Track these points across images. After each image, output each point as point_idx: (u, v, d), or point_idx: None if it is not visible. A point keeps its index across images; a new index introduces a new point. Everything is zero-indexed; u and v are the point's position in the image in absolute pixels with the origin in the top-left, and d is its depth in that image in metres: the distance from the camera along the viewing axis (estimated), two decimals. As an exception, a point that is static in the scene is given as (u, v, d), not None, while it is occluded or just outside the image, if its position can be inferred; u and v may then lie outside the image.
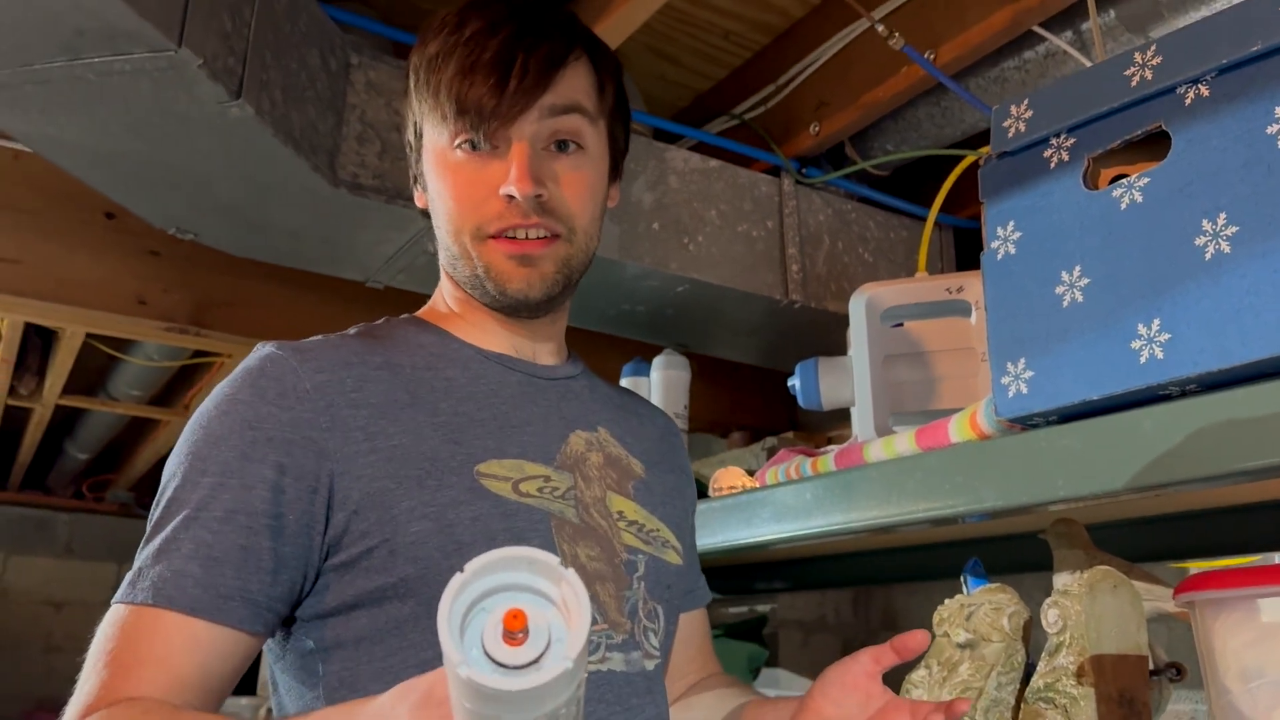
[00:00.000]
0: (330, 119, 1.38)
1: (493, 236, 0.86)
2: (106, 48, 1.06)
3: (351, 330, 0.90)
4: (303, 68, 1.31)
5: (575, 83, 0.88)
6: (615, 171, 0.96)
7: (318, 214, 1.46)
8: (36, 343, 2.80)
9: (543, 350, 0.95)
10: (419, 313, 0.96)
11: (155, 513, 0.78)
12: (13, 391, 2.93)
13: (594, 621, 0.84)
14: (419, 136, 0.91)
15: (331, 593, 0.78)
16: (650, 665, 0.88)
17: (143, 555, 0.76)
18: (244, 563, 0.74)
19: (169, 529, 0.75)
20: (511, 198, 0.84)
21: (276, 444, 0.77)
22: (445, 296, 0.95)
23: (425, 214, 0.95)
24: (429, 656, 0.76)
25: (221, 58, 1.13)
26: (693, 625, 1.05)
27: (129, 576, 0.75)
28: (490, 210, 0.86)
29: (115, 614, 0.74)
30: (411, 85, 0.91)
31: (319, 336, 0.87)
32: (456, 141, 0.86)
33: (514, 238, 0.86)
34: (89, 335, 2.36)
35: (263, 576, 0.75)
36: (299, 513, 0.77)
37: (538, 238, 0.86)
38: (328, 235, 1.54)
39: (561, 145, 0.88)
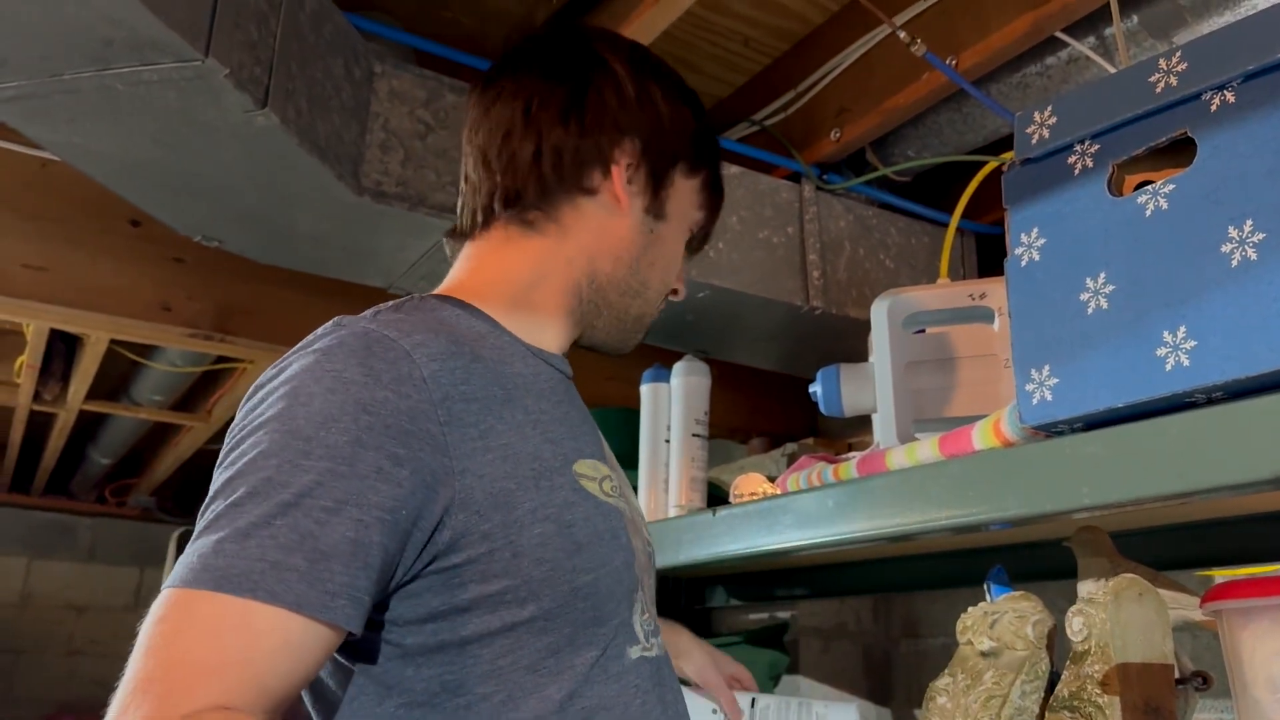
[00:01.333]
0: (354, 127, 1.39)
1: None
2: (134, 58, 1.08)
3: (403, 313, 0.82)
4: (327, 76, 1.32)
5: None
6: None
7: (341, 221, 1.47)
8: (61, 349, 2.83)
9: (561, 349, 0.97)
10: (450, 292, 0.91)
11: (234, 486, 0.68)
12: (37, 397, 2.96)
13: (645, 610, 0.87)
14: (671, 168, 0.95)
15: (436, 595, 0.74)
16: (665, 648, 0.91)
17: (218, 535, 0.66)
18: (353, 557, 0.67)
19: (259, 511, 0.66)
20: (674, 292, 0.99)
21: (394, 433, 0.70)
22: (535, 298, 0.91)
23: (595, 198, 0.93)
24: (542, 658, 0.75)
25: (247, 67, 1.14)
26: None
27: (197, 558, 0.65)
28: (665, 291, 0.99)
29: (186, 600, 0.64)
30: (685, 132, 0.96)
31: (402, 314, 0.80)
32: (695, 228, 0.99)
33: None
34: (113, 341, 2.38)
35: (370, 574, 0.68)
36: (411, 508, 0.71)
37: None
38: (351, 242, 1.55)
39: None
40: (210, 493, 0.70)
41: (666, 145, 0.93)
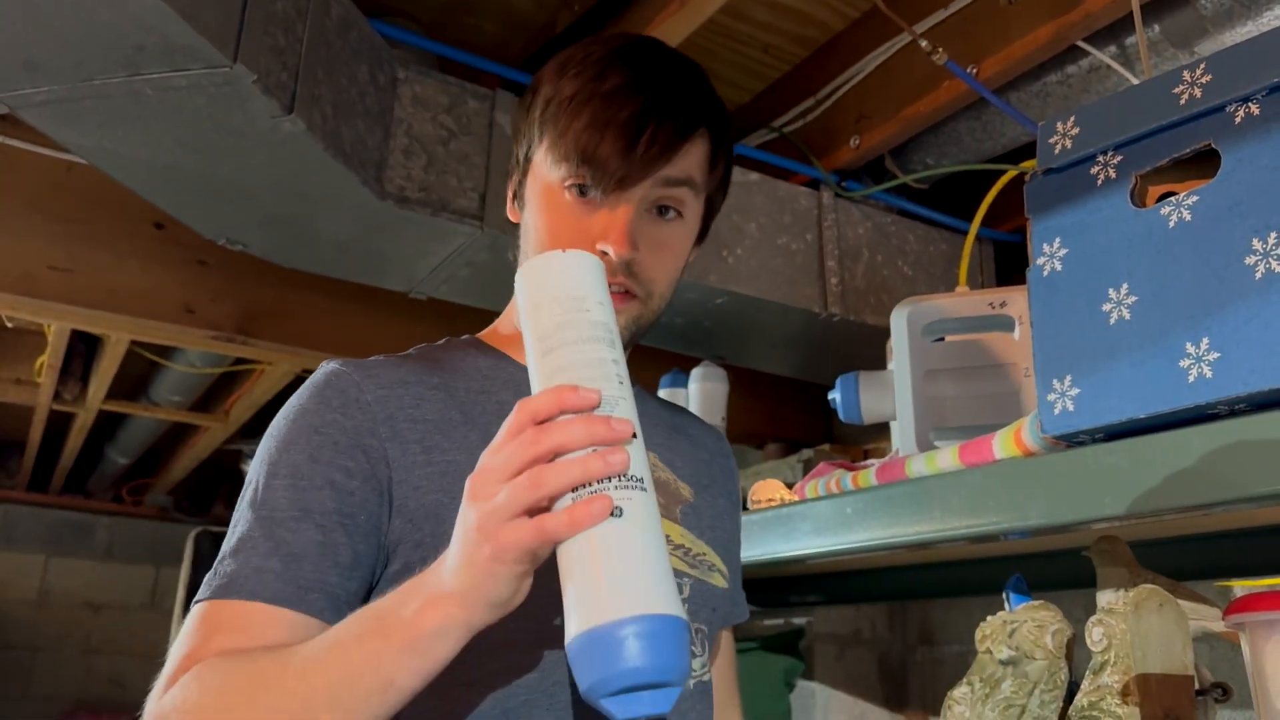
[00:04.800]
0: (378, 133, 1.40)
1: None
2: (165, 63, 1.09)
3: (412, 351, 0.93)
4: (352, 83, 1.33)
5: (693, 157, 0.90)
6: (702, 236, 0.97)
7: (364, 226, 1.48)
8: (81, 349, 2.85)
9: None
10: (482, 334, 0.98)
11: (234, 516, 0.81)
12: (57, 397, 2.99)
13: None
14: (528, 159, 0.92)
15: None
16: (693, 684, 0.89)
17: (222, 555, 0.79)
18: (321, 557, 0.77)
19: (245, 529, 0.78)
20: (605, 254, 0.85)
21: (342, 448, 0.80)
22: (511, 317, 0.97)
23: (514, 225, 0.96)
24: (465, 669, 0.75)
25: (275, 73, 1.15)
26: (720, 641, 1.05)
27: (209, 578, 0.78)
28: None
29: (196, 610, 0.77)
30: (536, 110, 0.90)
31: (380, 356, 0.90)
32: (569, 182, 0.87)
33: None
34: (132, 342, 2.40)
35: (341, 571, 0.78)
36: (368, 514, 0.80)
37: (616, 293, 0.86)
38: (373, 247, 1.56)
39: (662, 210, 0.89)
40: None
41: (521, 136, 0.93)
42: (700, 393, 1.59)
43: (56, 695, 4.70)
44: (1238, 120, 0.79)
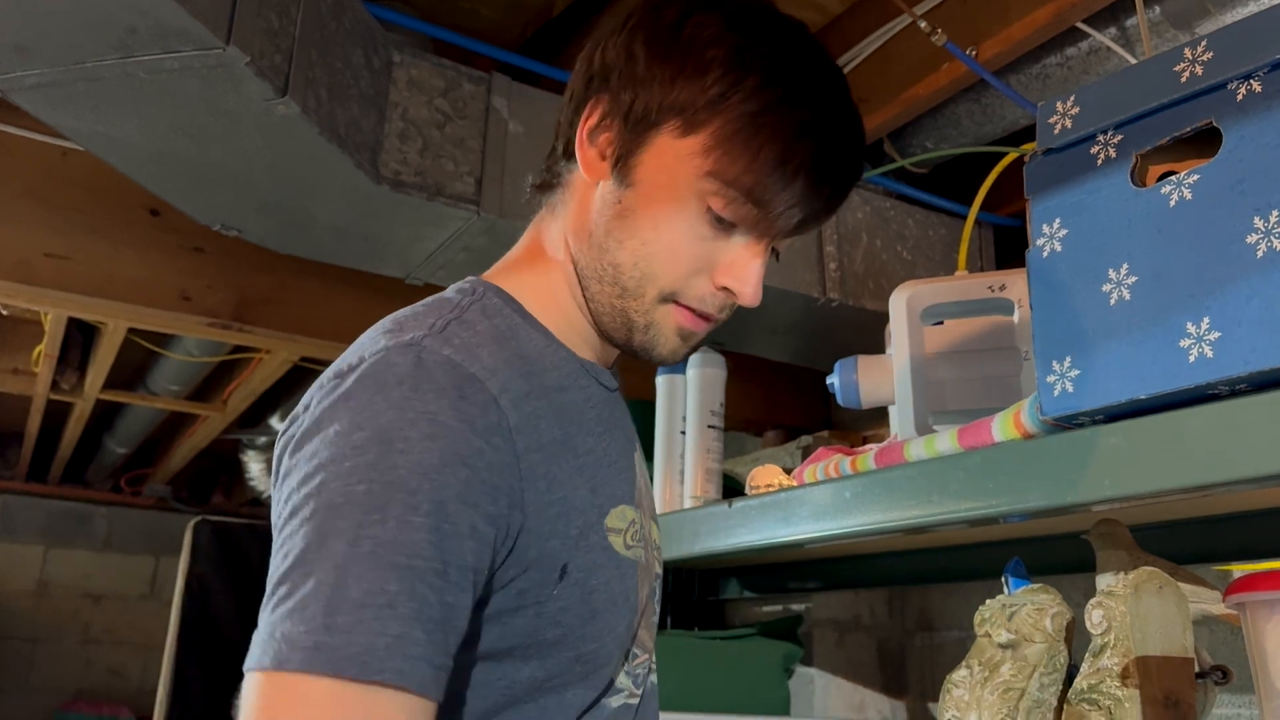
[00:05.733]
0: (373, 116, 1.39)
1: (677, 303, 0.77)
2: (157, 46, 1.08)
3: (470, 329, 0.73)
4: (347, 65, 1.32)
5: None
6: None
7: (360, 211, 1.48)
8: (78, 338, 2.85)
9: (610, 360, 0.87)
10: (508, 286, 0.81)
11: (330, 544, 0.61)
12: (54, 386, 2.98)
13: (640, 654, 0.82)
14: (654, 125, 0.75)
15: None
16: (650, 685, 0.86)
17: (324, 603, 0.59)
18: (451, 628, 0.63)
19: (375, 578, 0.60)
20: (727, 292, 0.77)
21: (488, 489, 0.66)
22: (556, 284, 0.81)
23: (561, 180, 0.82)
24: (531, 716, 0.72)
25: (268, 56, 1.14)
26: None
27: (304, 632, 0.58)
28: (698, 288, 0.77)
29: (304, 686, 0.57)
30: (690, 79, 0.73)
31: (467, 332, 0.72)
32: (717, 209, 0.75)
33: (693, 311, 0.78)
34: (130, 330, 2.39)
35: (457, 640, 0.64)
36: (488, 568, 0.67)
37: (699, 316, 0.79)
38: (369, 232, 1.56)
39: (774, 251, 0.80)
40: (289, 527, 0.63)
41: (646, 98, 0.75)
42: (699, 379, 1.58)
43: (56, 686, 4.71)
44: (1239, 98, 0.79)
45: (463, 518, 0.63)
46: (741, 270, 0.76)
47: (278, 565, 0.62)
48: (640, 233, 0.75)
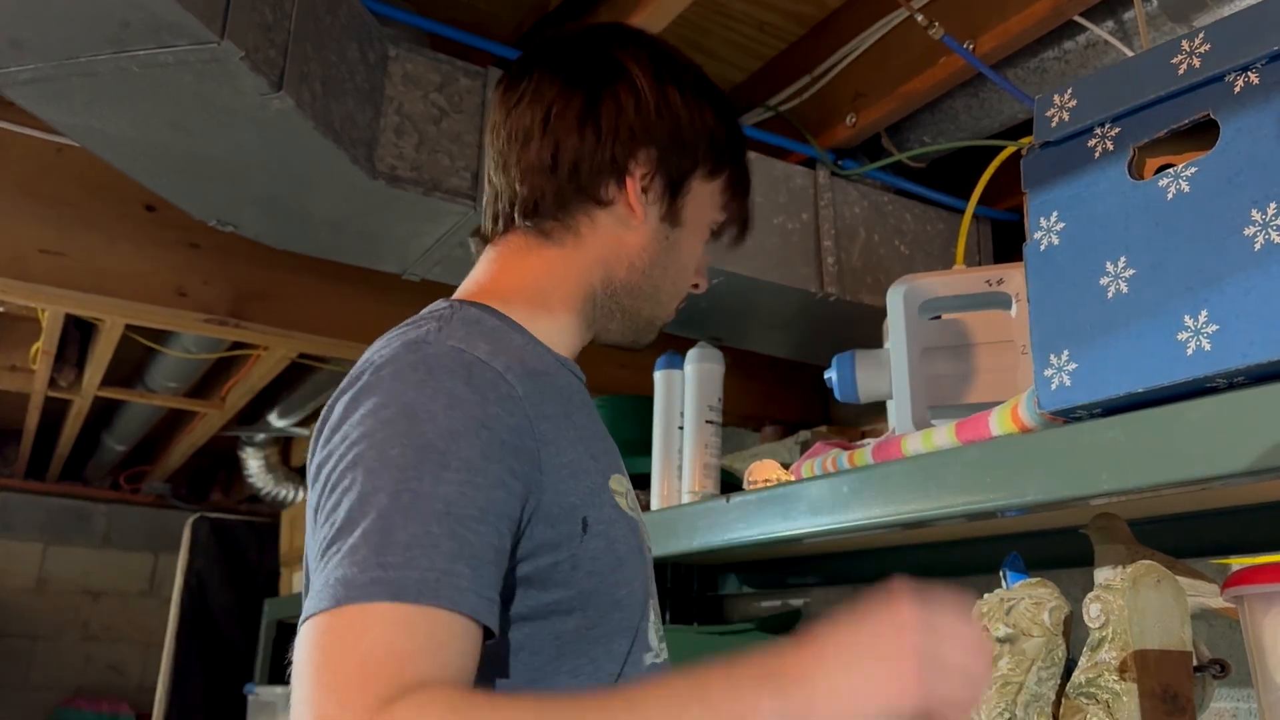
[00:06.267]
0: (369, 111, 1.38)
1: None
2: (151, 40, 1.08)
3: (464, 329, 0.82)
4: (342, 60, 1.32)
5: None
6: None
7: (356, 206, 1.47)
8: (75, 335, 2.84)
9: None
10: (476, 297, 0.90)
11: (371, 499, 0.67)
12: (52, 384, 2.98)
13: (655, 616, 0.89)
14: (689, 175, 0.93)
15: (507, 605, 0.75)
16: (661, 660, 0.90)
17: (373, 547, 0.65)
18: (497, 564, 0.70)
19: (419, 522, 0.66)
20: (695, 287, 0.98)
21: (508, 448, 0.73)
22: (552, 304, 0.91)
23: (613, 217, 0.93)
24: (581, 665, 0.78)
25: (263, 50, 1.14)
26: None
27: (358, 570, 0.64)
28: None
29: (359, 613, 0.63)
30: (704, 133, 0.93)
31: (462, 331, 0.80)
32: (716, 230, 0.98)
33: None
34: (127, 327, 2.39)
35: (500, 578, 0.71)
36: (520, 519, 0.74)
37: None
38: (366, 227, 1.55)
39: None
40: (332, 500, 0.69)
41: (685, 152, 0.92)
42: (696, 374, 1.58)
43: (56, 683, 4.71)
44: (1237, 90, 0.78)
45: (490, 472, 0.71)
46: (704, 269, 0.99)
47: (325, 535, 0.68)
48: (680, 259, 0.95)
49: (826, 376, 1.35)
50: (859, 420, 2.23)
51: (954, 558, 1.59)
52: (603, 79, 0.90)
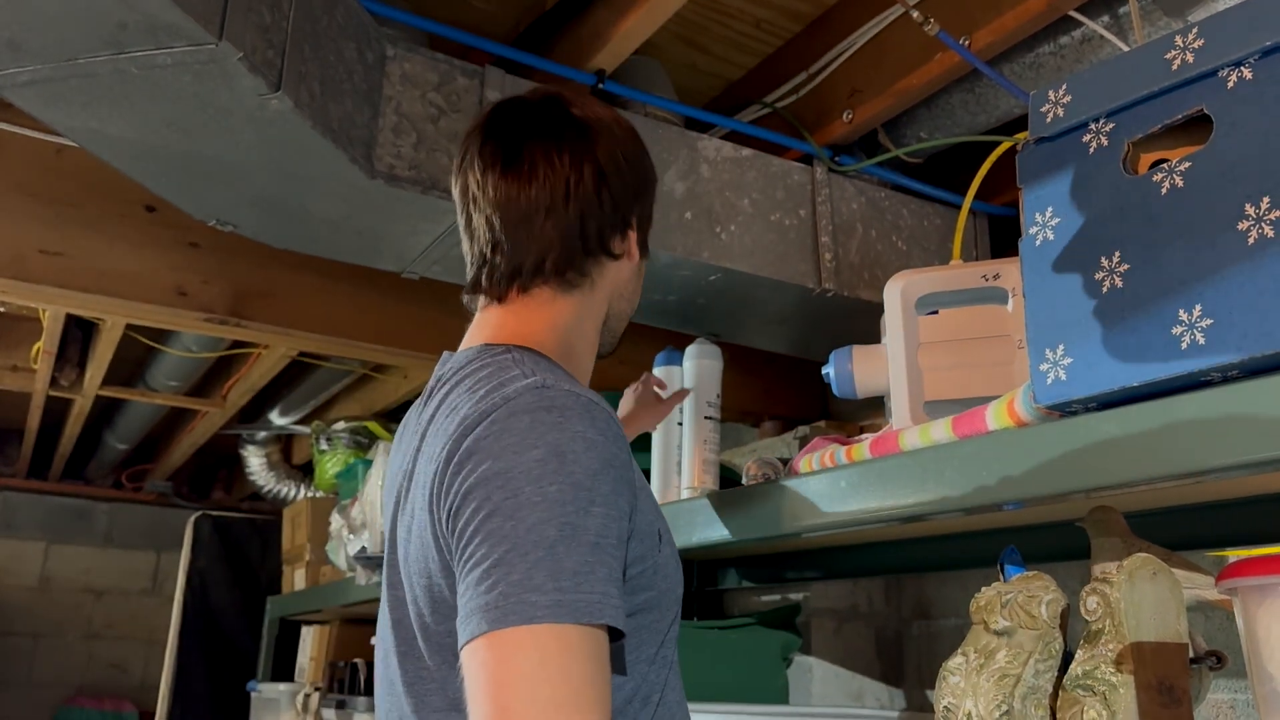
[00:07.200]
0: (367, 111, 1.39)
1: None
2: (149, 41, 1.08)
3: (545, 367, 0.94)
4: (340, 60, 1.32)
5: None
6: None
7: (355, 205, 1.48)
8: (77, 335, 2.85)
9: None
10: (524, 342, 1.01)
11: (540, 531, 0.78)
12: (54, 383, 2.98)
13: None
14: (649, 219, 1.09)
15: None
16: None
17: (548, 572, 0.77)
18: (622, 586, 0.83)
19: (580, 552, 0.78)
20: None
21: (625, 483, 0.86)
22: (574, 341, 1.03)
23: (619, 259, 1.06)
24: (656, 651, 0.92)
25: (261, 51, 1.14)
26: None
27: (541, 594, 0.76)
28: None
29: (558, 634, 0.75)
30: (647, 184, 1.08)
31: (558, 372, 0.94)
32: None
33: None
34: (128, 327, 2.39)
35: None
36: (627, 539, 0.87)
37: None
38: (364, 226, 1.55)
39: None
40: (492, 527, 0.79)
41: (650, 190, 1.09)
42: (695, 370, 1.59)
43: (58, 681, 4.72)
44: (1230, 85, 0.79)
45: (618, 505, 0.83)
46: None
47: (488, 555, 0.78)
48: (642, 277, 1.11)
49: (824, 372, 1.35)
50: (857, 415, 2.24)
51: (952, 551, 1.60)
52: (596, 146, 1.02)
